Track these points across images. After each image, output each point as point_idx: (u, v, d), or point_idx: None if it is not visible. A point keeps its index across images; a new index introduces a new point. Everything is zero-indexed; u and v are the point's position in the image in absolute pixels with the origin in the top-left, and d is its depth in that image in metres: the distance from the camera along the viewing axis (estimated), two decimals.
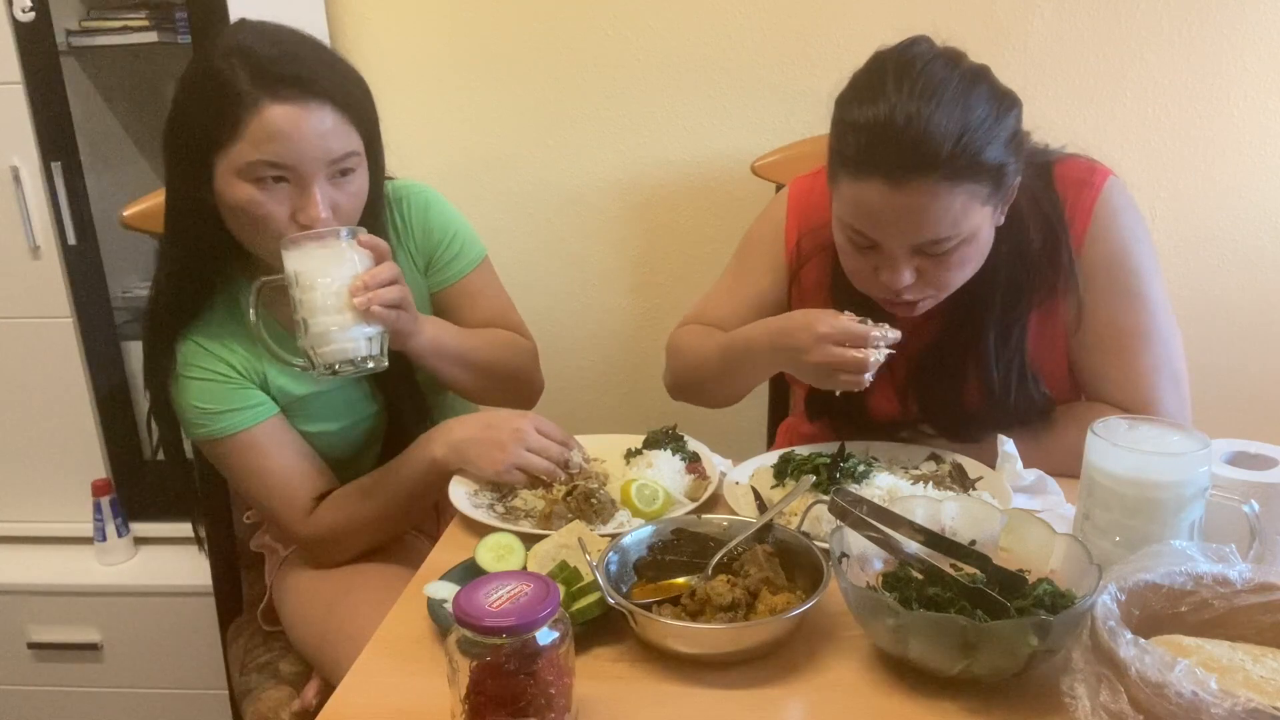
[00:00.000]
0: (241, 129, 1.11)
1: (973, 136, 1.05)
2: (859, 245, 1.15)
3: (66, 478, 2.00)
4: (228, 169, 1.13)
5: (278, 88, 1.11)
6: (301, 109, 1.12)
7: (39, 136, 1.79)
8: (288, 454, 1.28)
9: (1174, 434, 0.96)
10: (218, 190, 1.15)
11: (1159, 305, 1.25)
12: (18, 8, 1.72)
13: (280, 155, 1.11)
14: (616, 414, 2.21)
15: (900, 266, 1.12)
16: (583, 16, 1.97)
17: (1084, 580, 0.85)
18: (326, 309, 1.10)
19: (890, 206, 1.08)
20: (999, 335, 1.23)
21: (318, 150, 1.13)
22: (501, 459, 1.19)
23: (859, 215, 1.12)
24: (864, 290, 1.21)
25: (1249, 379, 1.99)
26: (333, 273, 1.11)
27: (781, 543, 1.00)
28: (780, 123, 1.98)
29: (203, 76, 1.14)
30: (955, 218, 1.08)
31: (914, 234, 1.09)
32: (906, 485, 1.16)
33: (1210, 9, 1.81)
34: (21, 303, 1.88)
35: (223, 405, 1.25)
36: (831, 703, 0.85)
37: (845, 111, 1.12)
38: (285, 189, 1.14)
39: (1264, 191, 1.90)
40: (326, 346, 1.11)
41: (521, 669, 0.75)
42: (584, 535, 1.02)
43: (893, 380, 1.29)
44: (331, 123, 1.14)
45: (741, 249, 1.46)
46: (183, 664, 2.03)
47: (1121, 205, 1.24)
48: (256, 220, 1.15)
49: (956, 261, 1.13)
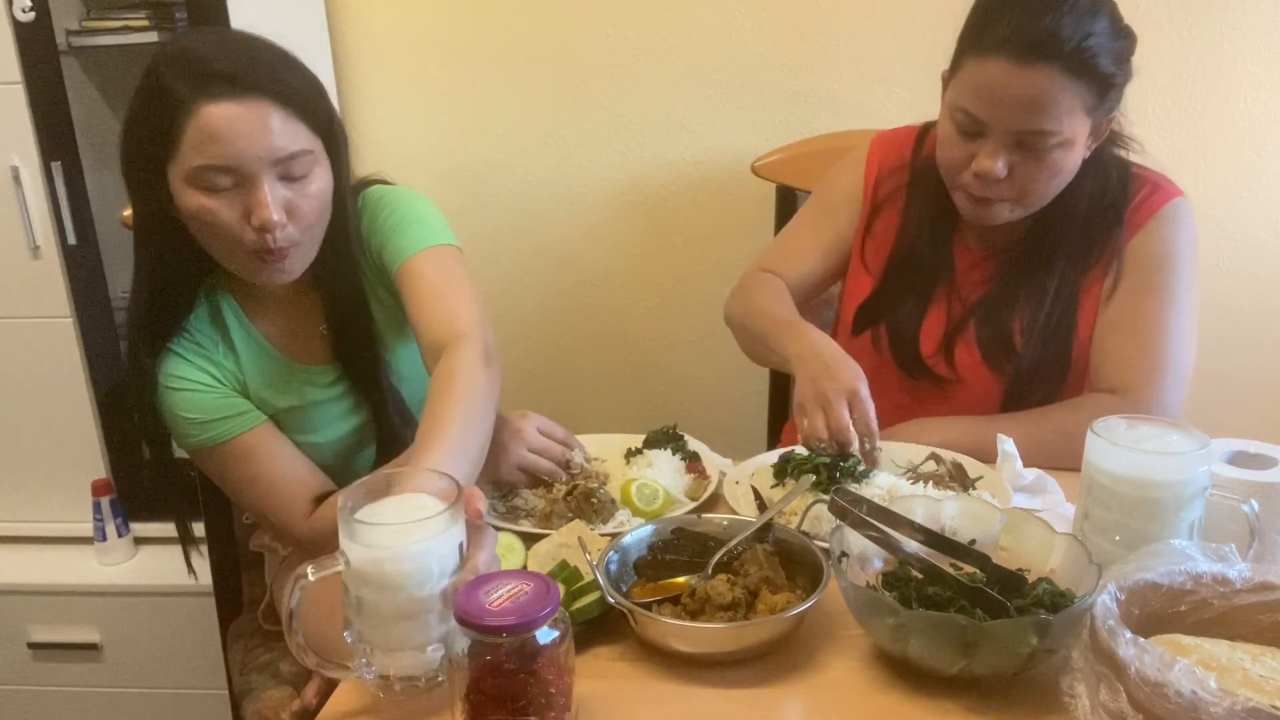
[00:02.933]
0: (182, 135, 1.07)
1: (1096, 42, 1.17)
2: (965, 131, 1.24)
3: (66, 478, 2.00)
4: (178, 178, 1.10)
5: (213, 87, 1.07)
6: (238, 105, 1.07)
7: (39, 136, 1.79)
8: (282, 459, 1.26)
9: (1174, 434, 0.96)
10: (176, 200, 1.12)
11: (1183, 310, 1.31)
12: (18, 8, 1.72)
13: (220, 157, 1.07)
14: (616, 414, 2.21)
15: (998, 153, 1.21)
16: (583, 17, 1.97)
17: (1083, 579, 0.85)
18: (415, 611, 0.82)
19: (1011, 86, 1.18)
20: (1057, 289, 1.32)
21: (259, 148, 1.08)
22: (503, 459, 1.19)
23: (978, 94, 1.21)
24: (953, 184, 1.28)
25: (1249, 379, 1.99)
26: (436, 563, 0.81)
27: (781, 542, 1.00)
28: (780, 123, 1.99)
29: (145, 88, 1.10)
30: (1062, 114, 1.18)
31: (1024, 119, 1.19)
32: (906, 485, 1.16)
33: (1210, 9, 1.81)
34: (21, 303, 1.88)
35: (210, 414, 1.22)
36: (831, 702, 0.85)
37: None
38: (235, 194, 1.10)
39: (1264, 191, 1.90)
40: (400, 658, 0.83)
41: (521, 668, 0.75)
42: (584, 535, 1.02)
43: (948, 314, 1.38)
44: (276, 120, 1.09)
45: (818, 193, 1.53)
46: (183, 664, 2.03)
47: (1180, 219, 1.32)
48: (212, 228, 1.11)
49: (1046, 167, 1.22)
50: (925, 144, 1.44)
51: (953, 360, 1.37)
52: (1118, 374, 1.29)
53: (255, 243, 1.11)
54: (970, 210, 1.30)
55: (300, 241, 1.15)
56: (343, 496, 0.83)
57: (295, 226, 1.12)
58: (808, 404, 1.20)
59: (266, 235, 1.10)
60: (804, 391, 1.21)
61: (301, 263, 1.18)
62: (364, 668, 0.84)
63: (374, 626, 0.82)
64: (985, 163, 1.22)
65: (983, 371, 1.35)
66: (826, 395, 1.17)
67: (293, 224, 1.12)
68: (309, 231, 1.15)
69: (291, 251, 1.14)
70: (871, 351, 1.42)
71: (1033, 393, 1.33)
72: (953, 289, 1.39)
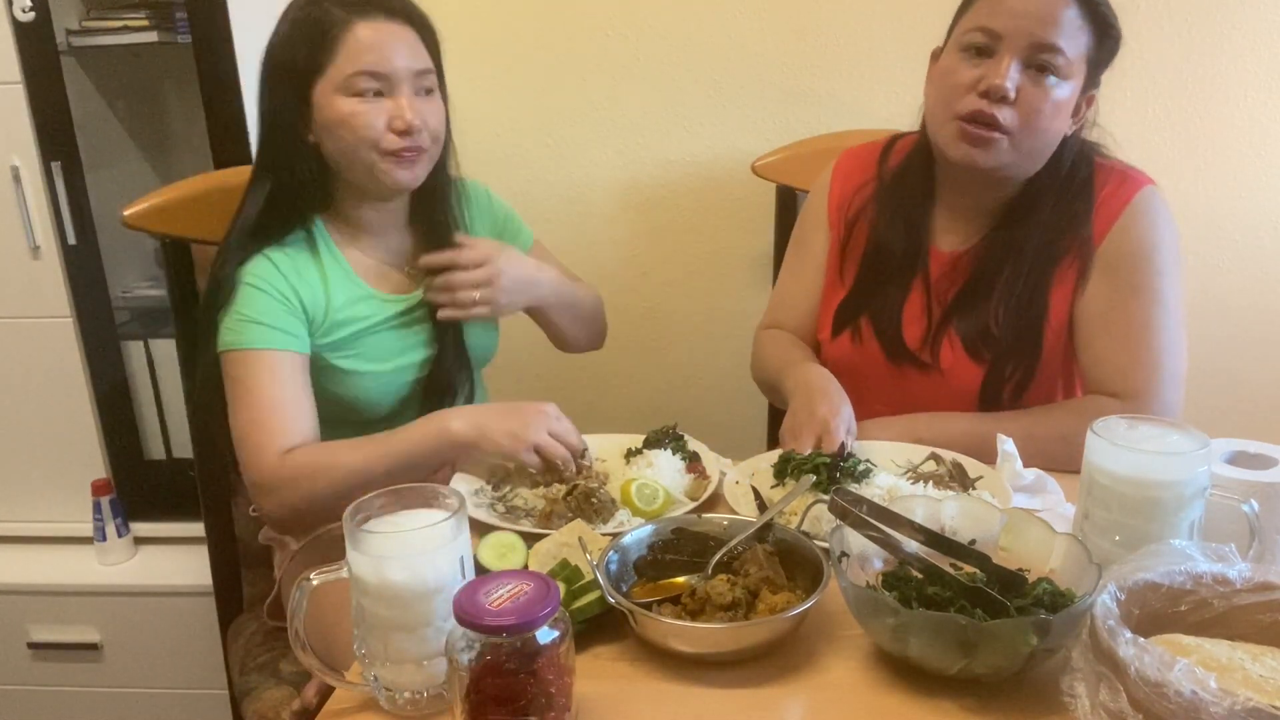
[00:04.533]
0: (337, 49, 1.26)
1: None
2: (978, 51, 1.26)
3: (66, 478, 2.00)
4: (327, 89, 1.27)
5: (365, 9, 1.27)
6: (387, 23, 1.27)
7: (39, 136, 1.79)
8: (290, 391, 1.28)
9: (1174, 434, 0.96)
10: (318, 115, 1.28)
11: (1171, 308, 1.31)
12: (18, 8, 1.72)
13: (373, 64, 1.25)
14: (616, 414, 2.21)
15: (1008, 67, 1.24)
16: (583, 17, 1.97)
17: (1083, 579, 0.85)
18: (412, 623, 0.82)
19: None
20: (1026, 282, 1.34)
21: (404, 59, 1.27)
22: (523, 437, 1.20)
23: (995, 10, 1.25)
24: (949, 109, 1.29)
25: (1249, 379, 1.99)
26: (433, 574, 0.81)
27: (781, 542, 1.00)
28: (780, 123, 1.99)
29: (302, 16, 1.28)
30: (1071, 35, 1.24)
31: (1041, 29, 1.23)
32: (906, 485, 1.16)
33: (1210, 8, 1.81)
34: (21, 303, 1.89)
35: (263, 317, 1.28)
36: (831, 702, 0.85)
37: None
38: (381, 102, 1.27)
39: (1264, 191, 1.90)
40: (401, 671, 0.83)
41: (521, 668, 0.75)
42: (584, 534, 1.02)
43: (926, 311, 1.40)
44: (414, 41, 1.30)
45: (795, 230, 1.58)
46: (183, 664, 2.04)
47: (1154, 209, 1.32)
48: (355, 130, 1.26)
49: (1050, 93, 1.24)
50: (892, 153, 1.46)
51: (937, 355, 1.38)
52: (1115, 379, 1.30)
53: (393, 144, 1.27)
54: (966, 149, 1.28)
55: (428, 149, 1.32)
56: (352, 507, 0.83)
57: (426, 134, 1.30)
58: (785, 435, 1.26)
59: (406, 137, 1.27)
60: (785, 423, 1.28)
61: (424, 169, 1.33)
62: (370, 681, 0.85)
63: (375, 636, 0.83)
64: (995, 78, 1.24)
65: (965, 361, 1.36)
66: (800, 429, 1.24)
67: (423, 133, 1.29)
68: (435, 144, 1.33)
69: (420, 156, 1.31)
70: (851, 349, 1.43)
71: (1009, 380, 1.35)
72: (927, 288, 1.40)
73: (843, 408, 1.25)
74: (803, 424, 1.24)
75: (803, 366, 1.37)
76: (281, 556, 1.46)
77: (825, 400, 1.26)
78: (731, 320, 2.13)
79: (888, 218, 1.42)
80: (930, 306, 1.40)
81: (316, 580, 0.84)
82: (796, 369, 1.37)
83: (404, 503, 0.86)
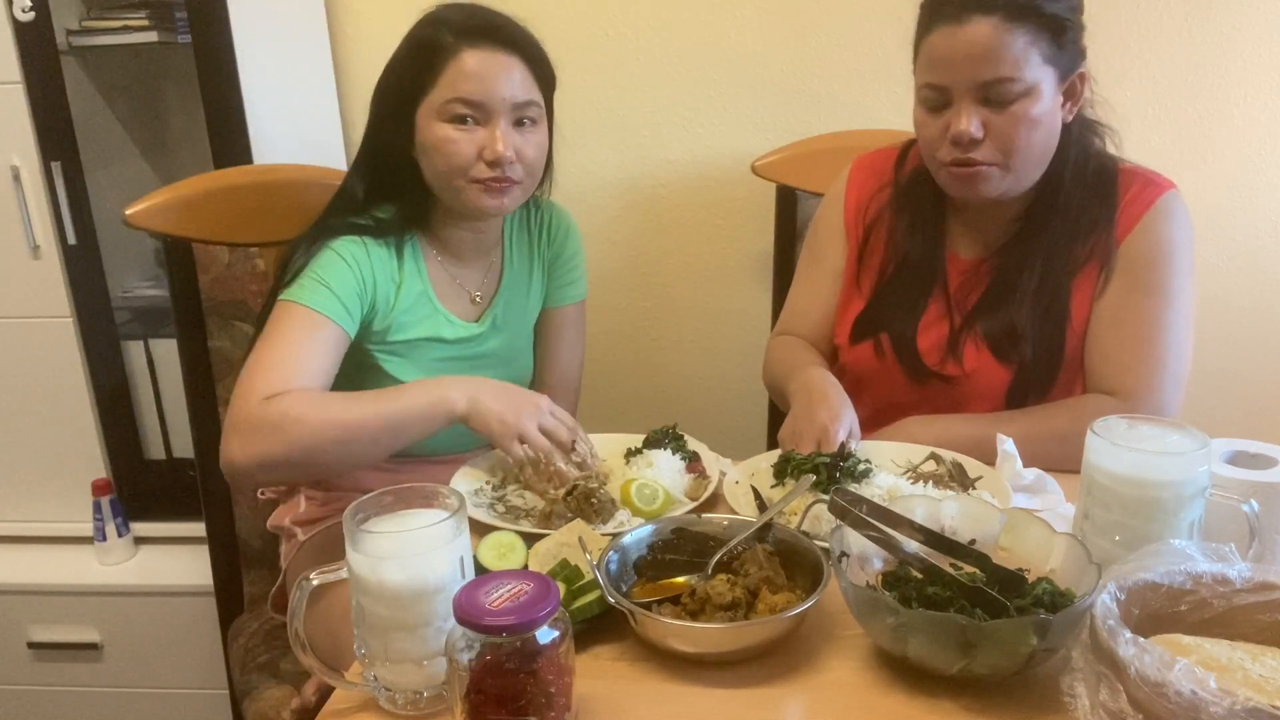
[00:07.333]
0: (441, 74, 1.27)
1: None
2: (933, 105, 1.27)
3: (66, 478, 2.00)
4: (428, 112, 1.29)
5: (474, 38, 1.28)
6: (493, 54, 1.28)
7: (39, 136, 1.79)
8: (319, 358, 1.26)
9: (1174, 433, 0.96)
10: (419, 136, 1.30)
11: (1182, 310, 1.31)
12: (18, 8, 1.72)
13: (471, 93, 1.27)
14: (616, 414, 2.21)
15: (966, 113, 1.24)
16: (582, 17, 1.97)
17: (1083, 579, 0.85)
18: (411, 624, 0.81)
19: (956, 46, 1.22)
20: (1049, 286, 1.33)
21: (503, 91, 1.28)
22: (512, 423, 1.20)
23: (932, 65, 1.26)
24: (934, 159, 1.30)
25: (1249, 379, 1.99)
26: (432, 575, 0.81)
27: (781, 542, 1.00)
28: (780, 123, 1.99)
29: (417, 36, 1.31)
30: (1016, 59, 1.21)
31: (977, 70, 1.21)
32: (906, 485, 1.16)
33: (1210, 9, 1.81)
34: (21, 303, 1.88)
35: (331, 284, 1.28)
36: (831, 702, 0.85)
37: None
38: (476, 131, 1.28)
39: (1264, 191, 1.90)
40: (400, 671, 0.83)
41: (521, 668, 0.75)
42: (584, 534, 1.02)
43: (948, 321, 1.39)
44: (519, 72, 1.30)
45: (808, 237, 1.57)
46: (183, 664, 2.04)
47: (1176, 213, 1.33)
48: (448, 157, 1.28)
49: (1020, 117, 1.23)
50: (908, 159, 1.45)
51: (961, 360, 1.37)
52: (1116, 376, 1.30)
53: (483, 173, 1.29)
54: (960, 188, 1.30)
55: (522, 181, 1.33)
56: (353, 507, 0.84)
57: (520, 166, 1.31)
58: (784, 440, 1.26)
59: (495, 168, 1.28)
60: (785, 427, 1.28)
61: (515, 199, 1.34)
62: (370, 681, 0.85)
63: (375, 636, 0.83)
64: (958, 125, 1.24)
65: (992, 365, 1.35)
66: (799, 434, 1.24)
67: (519, 164, 1.31)
68: (529, 176, 1.34)
69: (511, 187, 1.32)
70: (874, 358, 1.42)
71: (1035, 382, 1.34)
72: (947, 296, 1.40)
73: (843, 412, 1.25)
74: (802, 429, 1.24)
75: (806, 370, 1.36)
76: (288, 546, 1.46)
77: (825, 405, 1.25)
78: (732, 320, 2.13)
79: (905, 225, 1.43)
80: (951, 313, 1.39)
81: (316, 580, 0.84)
82: (800, 373, 1.37)
83: (404, 502, 0.86)
